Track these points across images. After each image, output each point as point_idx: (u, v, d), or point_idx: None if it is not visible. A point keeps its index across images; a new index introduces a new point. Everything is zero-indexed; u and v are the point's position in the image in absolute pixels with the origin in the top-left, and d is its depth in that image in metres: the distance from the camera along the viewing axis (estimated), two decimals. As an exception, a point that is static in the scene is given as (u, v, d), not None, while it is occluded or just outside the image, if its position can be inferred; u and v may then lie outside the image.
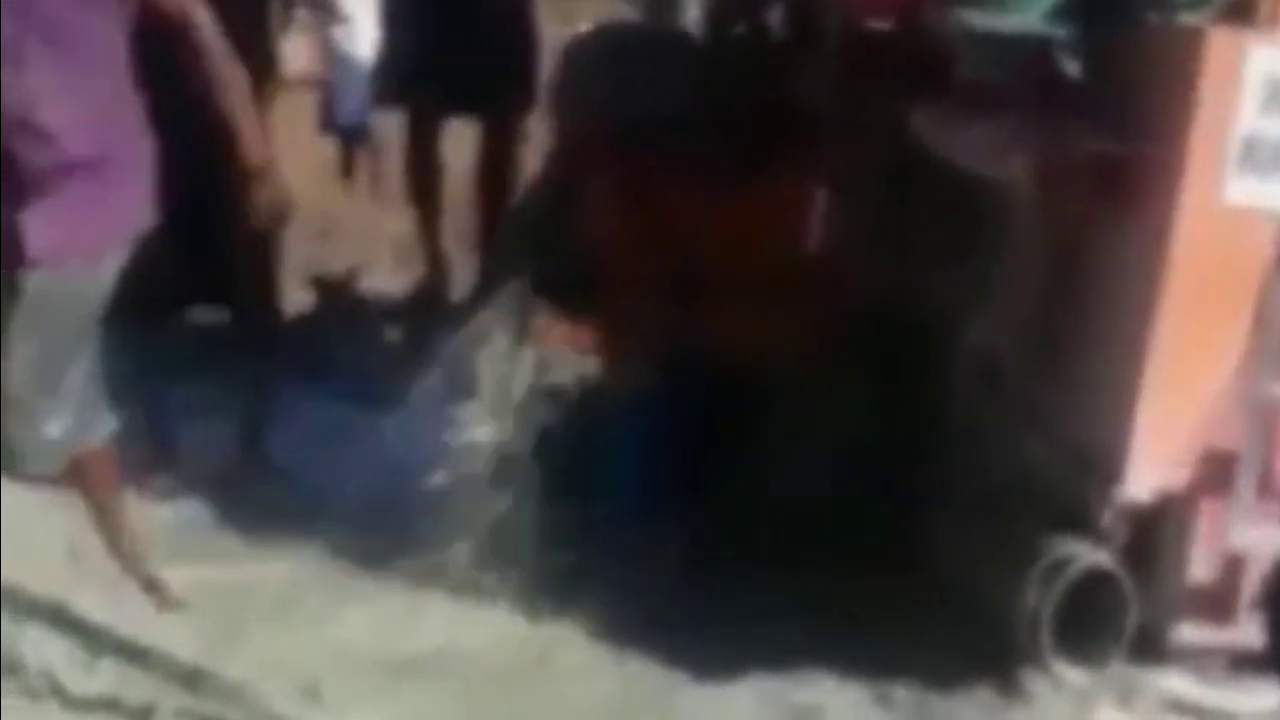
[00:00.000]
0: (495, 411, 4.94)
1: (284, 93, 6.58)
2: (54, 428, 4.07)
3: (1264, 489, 4.15)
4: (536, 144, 6.68)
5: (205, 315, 5.77)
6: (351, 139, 8.98)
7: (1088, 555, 4.10)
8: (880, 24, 5.20)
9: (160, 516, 5.21)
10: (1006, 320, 4.68)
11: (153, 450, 5.49)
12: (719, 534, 4.92)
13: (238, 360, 5.64)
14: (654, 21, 6.64)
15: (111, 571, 4.49)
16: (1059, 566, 4.10)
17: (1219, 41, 3.99)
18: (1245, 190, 4.01)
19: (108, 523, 4.36)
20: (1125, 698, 4.18)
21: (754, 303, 5.00)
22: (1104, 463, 4.15)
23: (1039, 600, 4.09)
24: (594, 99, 5.46)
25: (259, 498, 5.34)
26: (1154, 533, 4.21)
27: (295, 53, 7.81)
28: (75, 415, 4.10)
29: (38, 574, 4.54)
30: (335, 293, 7.33)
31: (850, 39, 5.29)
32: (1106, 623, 4.10)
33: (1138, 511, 4.15)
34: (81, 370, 4.11)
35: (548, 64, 6.51)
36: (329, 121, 8.86)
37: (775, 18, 5.87)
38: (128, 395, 5.62)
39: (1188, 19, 4.19)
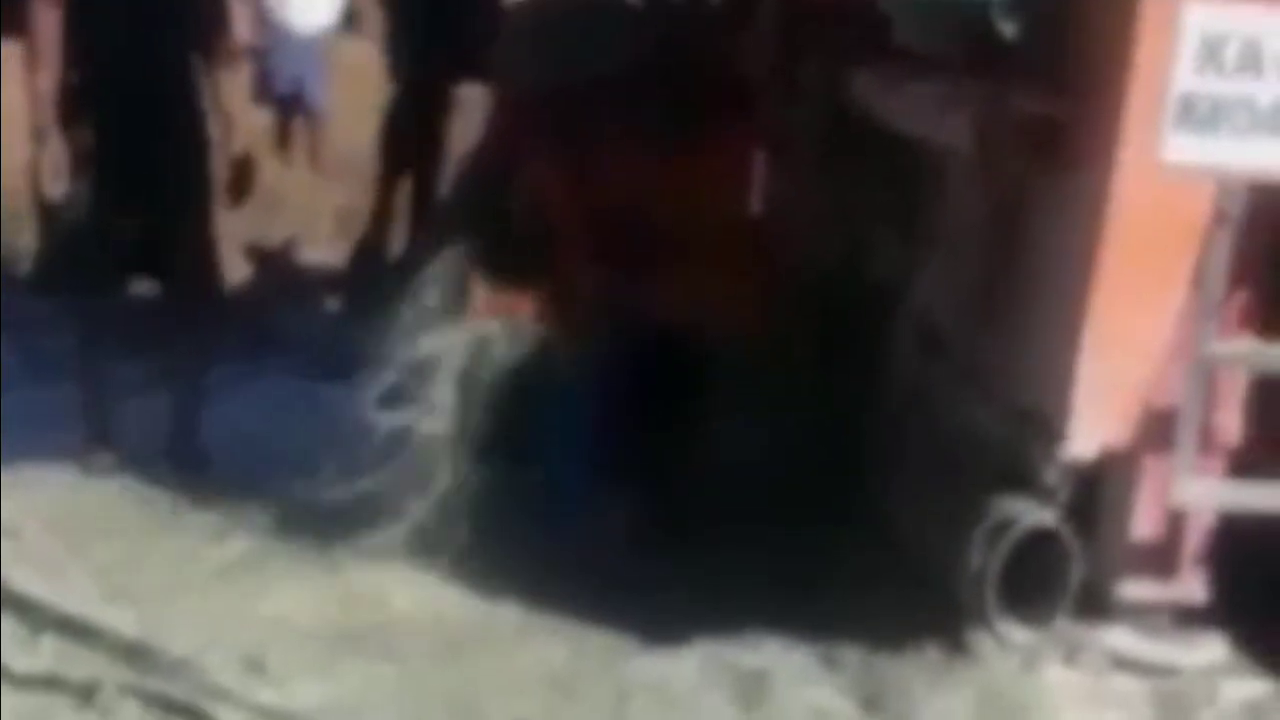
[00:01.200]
0: (437, 383, 4.91)
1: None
2: None
3: (1205, 445, 4.17)
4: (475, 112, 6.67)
5: (142, 289, 5.71)
6: (288, 109, 8.95)
7: (1031, 514, 4.11)
8: (818, -12, 5.20)
9: (101, 492, 5.18)
10: (948, 281, 4.69)
11: (91, 426, 5.44)
12: (665, 500, 4.92)
13: (174, 336, 5.59)
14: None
15: (51, 549, 4.46)
16: (1003, 526, 4.10)
17: (1154, 1, 3.98)
18: (1182, 148, 4.01)
19: None
20: (1071, 655, 4.20)
21: (697, 268, 4.98)
22: (1046, 422, 4.16)
23: (984, 560, 4.09)
24: (535, 67, 5.42)
25: (199, 473, 5.31)
26: (1097, 490, 4.23)
27: (229, 22, 7.66)
28: None
29: (-25, 553, 4.50)
30: (273, 262, 7.30)
31: (789, 4, 5.27)
32: (1051, 581, 4.11)
33: (1080, 470, 4.16)
34: None
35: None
36: (265, 92, 8.83)
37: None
38: (65, 371, 5.61)
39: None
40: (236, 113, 5.50)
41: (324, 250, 7.72)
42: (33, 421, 5.45)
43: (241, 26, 5.79)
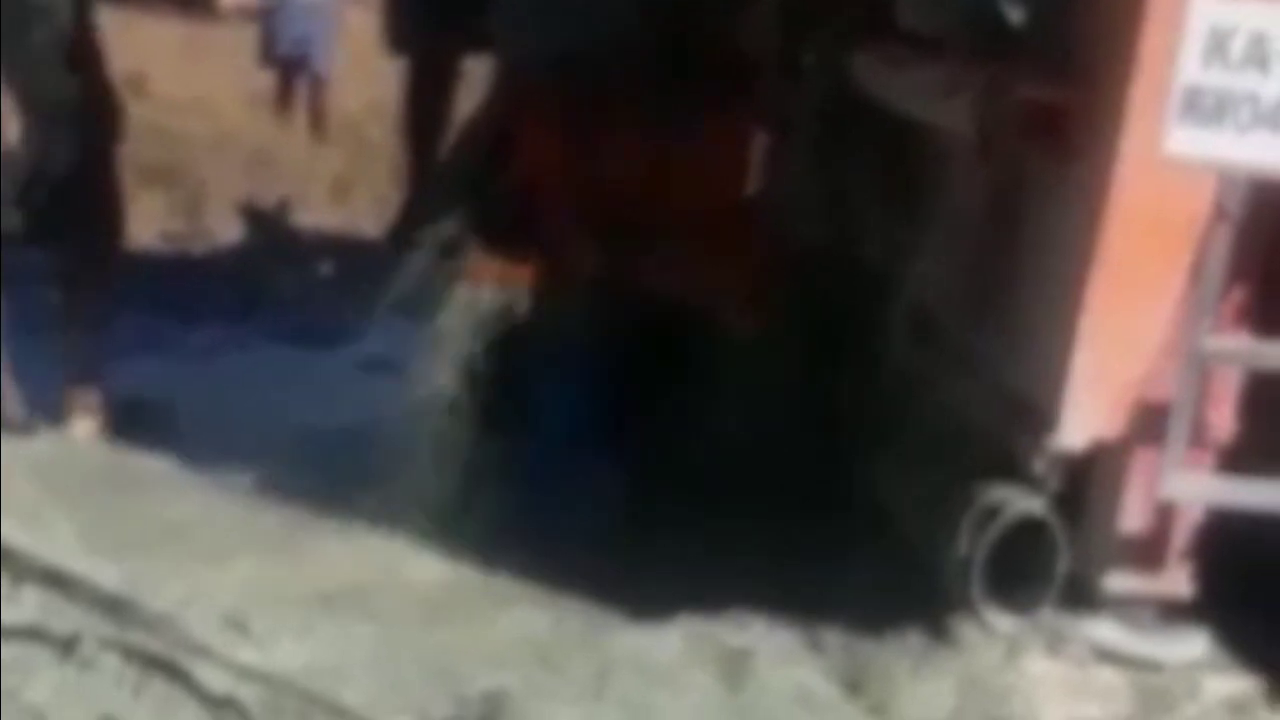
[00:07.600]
0: (428, 350, 4.91)
1: (224, 25, 6.43)
2: None
3: (1196, 439, 4.16)
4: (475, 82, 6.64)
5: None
6: (291, 71, 8.91)
7: (1020, 502, 4.11)
8: (823, -34, 5.18)
9: (85, 447, 5.18)
10: (944, 267, 4.68)
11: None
12: (651, 475, 4.92)
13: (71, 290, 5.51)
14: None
15: (35, 501, 4.44)
16: (991, 513, 4.10)
17: (1163, -9, 3.97)
18: (1186, 141, 3.99)
19: None
20: (1054, 645, 4.19)
21: (692, 246, 4.98)
22: (1038, 410, 4.15)
23: (970, 547, 4.09)
24: (532, 38, 5.41)
25: (187, 434, 5.30)
26: (1086, 481, 4.22)
27: (233, -16, 7.68)
28: None
29: (-43, 503, 4.48)
30: (266, 223, 7.28)
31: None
32: (1037, 570, 4.11)
33: (1071, 460, 4.15)
34: None
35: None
36: (269, 53, 8.79)
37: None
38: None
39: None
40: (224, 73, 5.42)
41: (318, 214, 7.69)
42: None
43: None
